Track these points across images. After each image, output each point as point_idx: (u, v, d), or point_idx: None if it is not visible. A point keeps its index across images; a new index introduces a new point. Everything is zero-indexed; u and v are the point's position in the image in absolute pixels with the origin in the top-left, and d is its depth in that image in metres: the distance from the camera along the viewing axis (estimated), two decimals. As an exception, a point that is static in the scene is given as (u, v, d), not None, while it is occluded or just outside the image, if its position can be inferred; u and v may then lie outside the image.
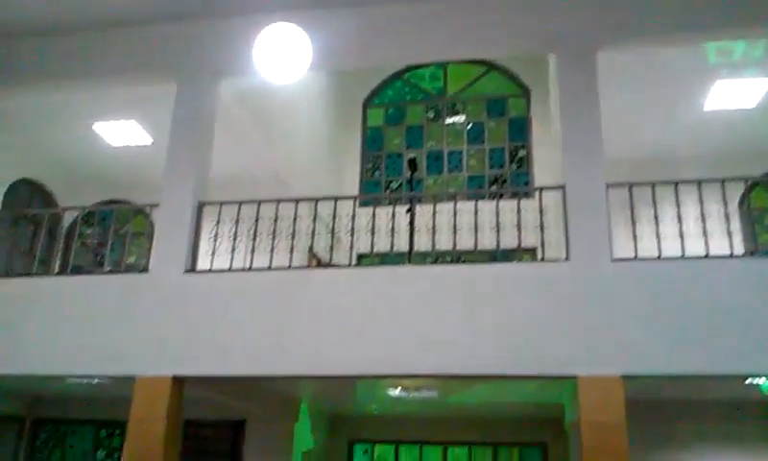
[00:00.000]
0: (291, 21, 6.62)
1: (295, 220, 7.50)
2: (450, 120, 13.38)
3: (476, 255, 7.19)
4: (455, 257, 7.23)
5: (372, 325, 6.72)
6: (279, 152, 10.52)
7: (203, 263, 7.58)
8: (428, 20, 7.89)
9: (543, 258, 7.08)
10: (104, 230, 10.66)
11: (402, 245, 7.63)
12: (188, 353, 7.01)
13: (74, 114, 9.73)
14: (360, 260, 9.57)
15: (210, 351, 6.98)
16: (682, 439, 9.26)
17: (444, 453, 11.43)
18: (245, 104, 9.15)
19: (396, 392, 8.83)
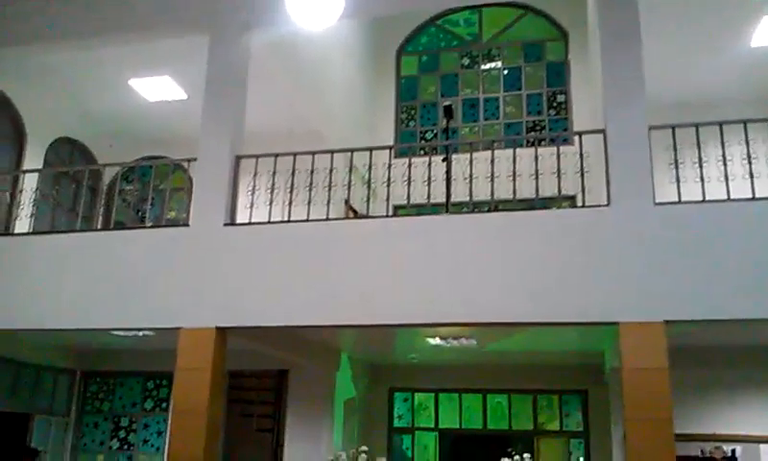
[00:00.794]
0: (322, -32, 6.49)
1: (331, 172, 7.49)
2: (486, 66, 13.13)
3: (514, 204, 7.10)
4: (493, 207, 7.14)
5: (411, 274, 6.73)
6: (313, 104, 10.47)
7: (241, 216, 7.64)
8: (462, -37, 7.68)
9: (584, 204, 6.96)
10: (143, 186, 10.81)
11: (439, 195, 7.57)
12: (230, 305, 7.13)
13: (109, 71, 9.79)
14: (396, 212, 9.55)
15: (251, 302, 7.09)
16: (727, 384, 9.17)
17: (484, 401, 11.51)
18: (277, 55, 9.09)
19: (436, 341, 8.88)
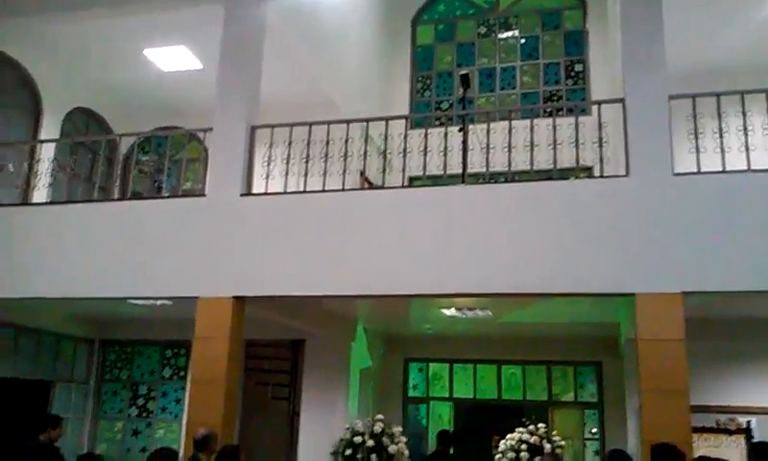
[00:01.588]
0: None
1: (346, 142, 7.47)
2: (503, 35, 12.96)
3: (532, 176, 7.06)
4: (510, 178, 7.10)
5: (426, 245, 6.73)
6: (328, 73, 10.41)
7: (257, 187, 7.66)
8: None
9: (602, 175, 6.91)
10: (159, 157, 10.84)
11: (455, 166, 7.53)
12: (247, 274, 7.18)
13: (124, 41, 9.77)
14: (412, 183, 9.52)
15: (268, 272, 7.13)
16: (744, 356, 9.12)
17: (498, 372, 11.56)
18: (293, 25, 9.03)
19: (450, 312, 8.90)
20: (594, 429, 11.01)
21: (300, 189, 7.42)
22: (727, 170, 6.46)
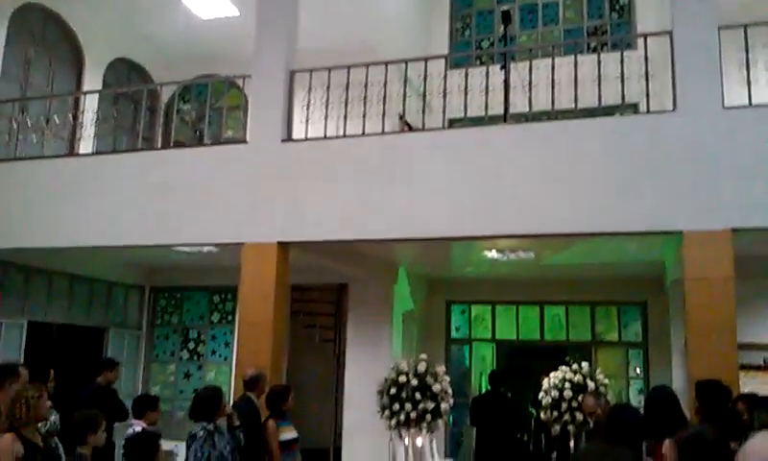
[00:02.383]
0: None
1: (385, 85, 7.41)
2: (544, -31, 12.55)
3: (576, 114, 6.91)
4: (553, 117, 6.96)
5: (467, 187, 6.70)
6: (366, 15, 10.26)
7: (298, 132, 7.67)
8: None
9: (648, 111, 6.73)
10: (200, 105, 10.92)
11: (496, 107, 7.41)
12: (291, 220, 7.26)
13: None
14: (452, 125, 9.43)
15: (310, 217, 7.20)
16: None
17: (541, 313, 11.56)
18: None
19: (492, 254, 8.88)
20: (638, 369, 10.99)
21: (340, 134, 7.41)
22: (780, 102, 6.24)
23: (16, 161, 8.59)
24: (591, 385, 7.47)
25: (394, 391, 7.83)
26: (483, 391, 10.14)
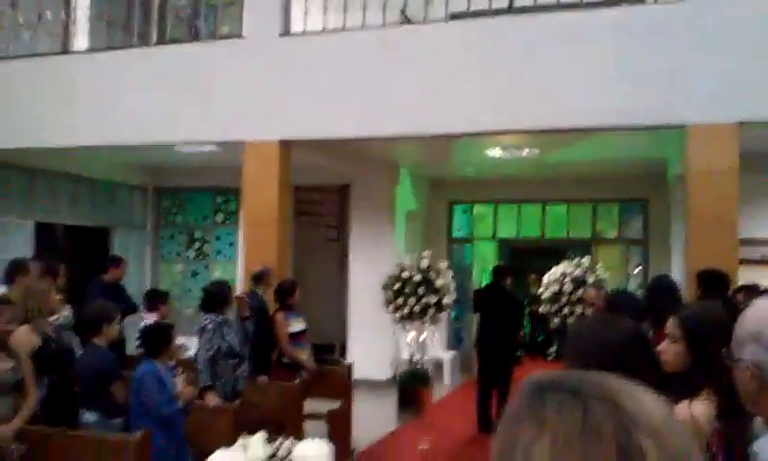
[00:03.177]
0: None
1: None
2: None
3: (581, 4, 6.72)
4: (561, 7, 6.77)
5: (470, 82, 6.60)
6: None
7: (296, 26, 7.49)
8: None
9: (656, 0, 6.55)
10: (195, 1, 10.60)
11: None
12: (292, 117, 7.19)
13: None
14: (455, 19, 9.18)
15: (311, 114, 7.12)
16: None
17: (543, 211, 11.63)
18: None
19: (495, 152, 8.85)
20: (638, 265, 11.16)
21: (339, 27, 7.22)
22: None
23: (10, 60, 8.42)
24: (591, 279, 7.60)
25: (398, 286, 8.00)
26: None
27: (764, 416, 1.58)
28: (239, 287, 7.77)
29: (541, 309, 7.99)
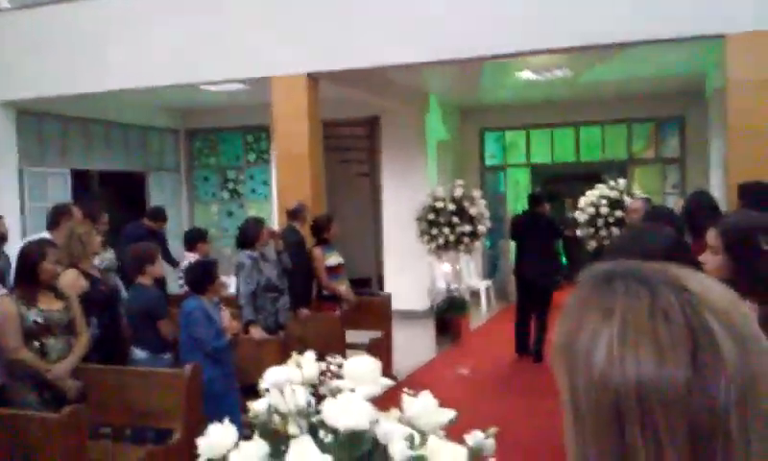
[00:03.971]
0: None
1: None
2: None
3: None
4: None
5: (500, 1, 6.44)
6: None
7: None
8: None
9: None
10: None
11: None
12: (318, 49, 7.09)
13: None
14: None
15: (338, 44, 7.02)
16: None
17: (577, 135, 11.44)
18: None
19: (526, 74, 8.68)
20: (675, 184, 10.97)
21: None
22: None
23: (42, 6, 8.41)
24: (628, 200, 7.49)
25: (432, 217, 8.00)
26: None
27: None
28: (275, 224, 7.84)
29: (578, 233, 7.91)
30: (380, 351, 5.95)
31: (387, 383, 1.48)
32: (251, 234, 5.51)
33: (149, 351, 4.53)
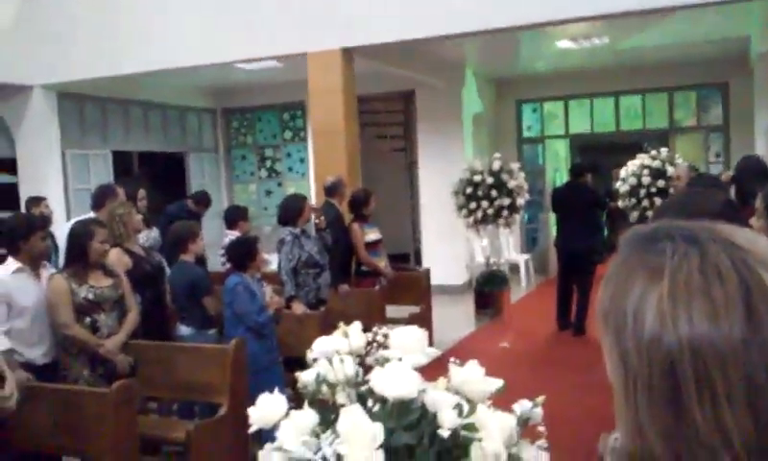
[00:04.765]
0: None
1: None
2: None
3: None
4: None
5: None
6: None
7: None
8: None
9: None
10: None
11: None
12: (351, 24, 7.05)
13: None
14: None
15: (372, 18, 6.97)
16: None
17: (616, 104, 11.22)
18: None
19: (564, 43, 8.53)
20: (718, 153, 10.71)
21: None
22: None
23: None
24: (670, 169, 7.34)
25: (470, 190, 7.94)
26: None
27: None
28: (313, 201, 7.88)
29: (620, 204, 7.78)
30: (421, 325, 5.93)
31: (434, 352, 1.49)
32: (292, 211, 5.54)
33: (194, 328, 4.61)
